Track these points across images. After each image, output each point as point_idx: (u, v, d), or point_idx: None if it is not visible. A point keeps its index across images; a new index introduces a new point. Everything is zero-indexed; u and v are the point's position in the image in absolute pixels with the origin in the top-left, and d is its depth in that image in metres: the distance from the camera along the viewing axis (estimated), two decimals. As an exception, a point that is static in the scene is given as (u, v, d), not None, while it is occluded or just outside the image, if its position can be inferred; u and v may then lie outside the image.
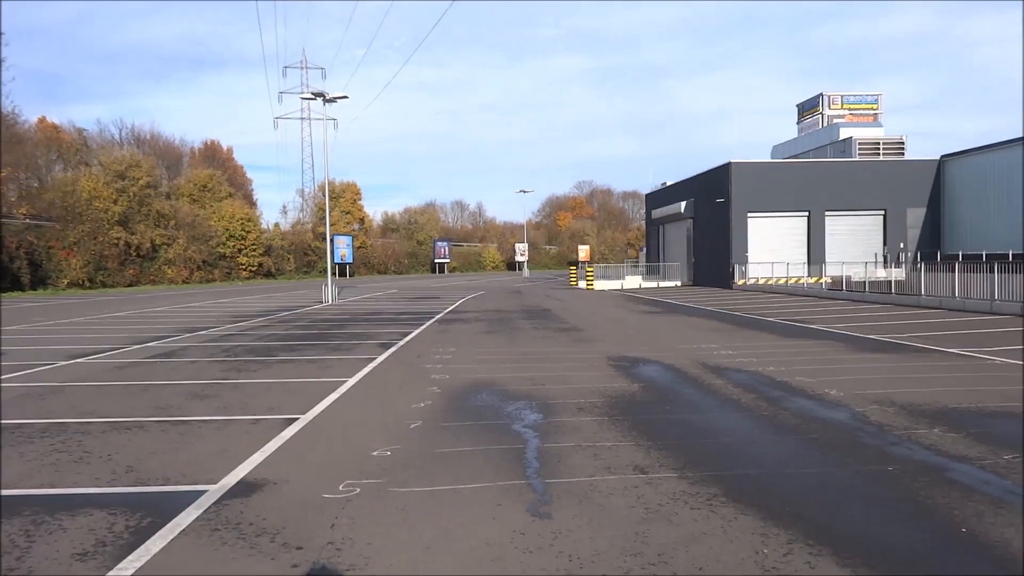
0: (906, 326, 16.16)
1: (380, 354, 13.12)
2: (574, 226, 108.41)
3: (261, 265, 68.61)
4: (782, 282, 33.43)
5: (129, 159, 59.16)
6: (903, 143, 41.43)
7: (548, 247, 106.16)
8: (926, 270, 22.33)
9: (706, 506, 4.79)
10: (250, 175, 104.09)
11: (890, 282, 25.44)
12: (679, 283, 42.78)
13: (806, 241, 37.27)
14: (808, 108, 52.27)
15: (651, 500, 4.92)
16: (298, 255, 74.86)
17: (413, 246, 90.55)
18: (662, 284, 42.70)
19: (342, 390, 9.47)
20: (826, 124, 48.38)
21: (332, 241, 37.36)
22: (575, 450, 6.24)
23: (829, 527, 4.37)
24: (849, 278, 27.90)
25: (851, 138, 41.93)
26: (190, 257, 60.83)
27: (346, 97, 30.60)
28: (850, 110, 50.05)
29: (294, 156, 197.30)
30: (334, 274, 33.54)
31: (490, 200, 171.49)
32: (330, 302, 30.11)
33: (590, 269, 42.59)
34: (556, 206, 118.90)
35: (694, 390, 9.08)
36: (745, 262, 36.17)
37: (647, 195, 56.52)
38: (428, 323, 19.59)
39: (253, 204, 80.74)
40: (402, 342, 15.07)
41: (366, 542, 4.28)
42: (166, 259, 59.32)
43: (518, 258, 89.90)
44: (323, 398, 8.88)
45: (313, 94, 30.45)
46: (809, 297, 28.05)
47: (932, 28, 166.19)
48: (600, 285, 41.49)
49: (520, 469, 5.73)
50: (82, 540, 4.38)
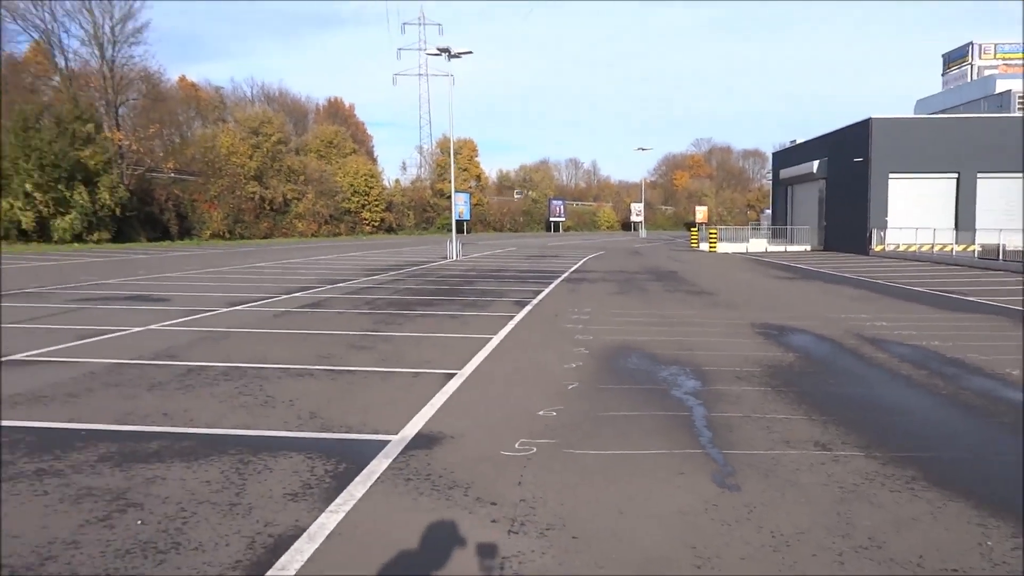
0: (1082, 301, 14.75)
1: (517, 312, 13.25)
2: (691, 186, 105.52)
3: (383, 220, 70.82)
4: (926, 249, 31.27)
5: (262, 115, 61.97)
6: (1073, 98, 37.46)
7: (664, 207, 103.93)
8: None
9: (907, 489, 4.54)
10: (371, 131, 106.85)
11: (1056, 252, 23.28)
12: (808, 247, 40.87)
13: (954, 205, 34.57)
14: (956, 58, 48.14)
15: (843, 479, 4.72)
16: (417, 211, 76.76)
17: (528, 204, 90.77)
18: (790, 248, 40.92)
19: (490, 347, 9.62)
20: (977, 76, 44.43)
21: (452, 198, 37.91)
22: (745, 421, 6.08)
23: (1056, 521, 4.04)
24: (1004, 247, 25.75)
25: (1009, 91, 38.29)
26: (318, 211, 63.47)
27: (470, 52, 30.66)
28: (1004, 60, 45.73)
29: (412, 113, 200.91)
30: (451, 231, 34.08)
31: (605, 158, 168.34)
32: (454, 258, 30.69)
33: (713, 231, 41.34)
34: (673, 165, 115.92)
35: (856, 362, 8.64)
36: (885, 227, 34.02)
37: (774, 154, 53.97)
38: (556, 282, 19.62)
39: (375, 160, 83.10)
40: (535, 300, 15.16)
41: (558, 502, 4.33)
42: (296, 213, 62.16)
43: (634, 218, 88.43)
44: (474, 354, 9.06)
45: (439, 49, 30.65)
46: (958, 266, 26.12)
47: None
48: (723, 248, 40.24)
49: (692, 437, 5.63)
50: (289, 481, 4.66)
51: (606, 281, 20.05)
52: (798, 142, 46.65)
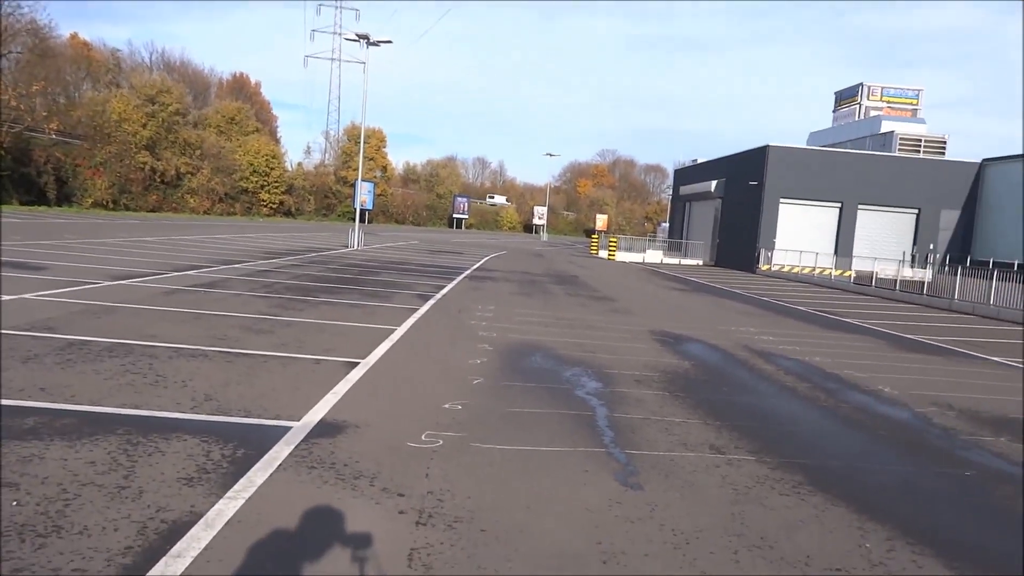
0: (943, 329, 16.06)
1: (421, 305, 13.13)
2: (594, 194, 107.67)
3: (282, 203, 68.61)
4: (807, 271, 33.19)
5: (160, 84, 58.75)
6: (945, 142, 40.76)
7: (566, 212, 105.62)
8: (961, 274, 22.12)
9: (794, 493, 4.79)
10: (276, 112, 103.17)
11: (922, 282, 25.22)
12: (701, 262, 42.56)
13: (835, 233, 36.89)
14: (846, 97, 51.31)
15: (737, 481, 4.93)
16: (318, 197, 74.76)
17: (432, 199, 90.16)
18: (684, 261, 42.49)
19: (394, 338, 9.49)
20: (864, 115, 47.55)
21: (356, 187, 37.18)
22: (645, 423, 6.25)
23: (925, 529, 4.37)
24: (876, 274, 27.69)
25: (893, 132, 41.25)
26: (213, 188, 60.78)
27: (390, 42, 30.20)
28: (889, 103, 49.15)
29: (320, 96, 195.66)
30: (355, 219, 33.45)
31: (512, 160, 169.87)
32: (356, 247, 30.11)
33: (613, 239, 42.42)
34: (577, 172, 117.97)
35: (747, 373, 9.06)
36: (772, 248, 35.89)
37: (676, 170, 55.97)
38: (459, 278, 19.58)
39: (278, 141, 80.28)
40: (439, 295, 15.07)
41: (465, 495, 4.31)
42: (189, 188, 59.28)
43: (536, 221, 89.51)
44: (378, 344, 8.91)
45: (357, 35, 30.01)
46: (835, 290, 27.88)
47: (977, 25, 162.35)
48: (621, 256, 41.36)
49: (596, 436, 5.74)
50: (183, 465, 4.43)
51: (509, 281, 20.19)
52: (699, 161, 48.55)
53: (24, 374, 6.22)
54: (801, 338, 12.75)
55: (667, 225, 56.98)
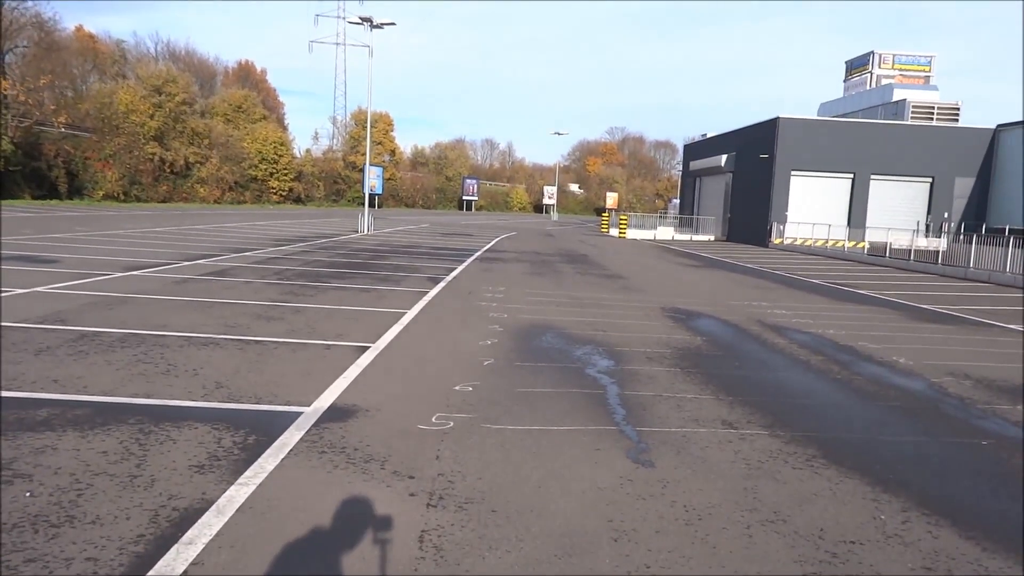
0: (958, 298, 15.89)
1: (431, 288, 13.12)
2: (603, 172, 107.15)
3: (291, 190, 68.70)
4: (820, 244, 32.93)
5: (166, 74, 58.71)
6: (958, 109, 40.16)
7: (576, 192, 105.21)
8: (976, 242, 21.85)
9: (807, 466, 4.76)
10: (282, 99, 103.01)
11: (937, 252, 24.94)
12: (712, 237, 42.31)
13: (848, 204, 36.52)
14: (857, 66, 50.63)
15: (750, 456, 4.90)
16: (328, 182, 74.80)
17: (442, 182, 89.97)
18: (695, 237, 42.24)
19: (404, 321, 9.49)
20: (875, 84, 46.93)
21: (365, 172, 37.14)
22: (657, 400, 6.22)
23: (941, 499, 4.33)
24: (891, 245, 27.43)
25: (905, 100, 40.68)
26: (222, 177, 60.89)
27: (393, 24, 29.99)
28: (901, 71, 48.42)
29: (326, 82, 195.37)
30: (364, 204, 33.45)
31: (520, 140, 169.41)
32: (366, 232, 30.12)
33: (624, 217, 42.20)
34: (586, 151, 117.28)
35: (759, 347, 9.00)
36: (784, 221, 35.60)
37: (685, 146, 55.50)
38: (469, 260, 19.55)
39: (285, 128, 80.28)
40: (449, 277, 15.06)
41: (476, 476, 4.31)
42: (199, 178, 59.41)
43: (546, 201, 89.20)
44: (388, 328, 8.91)
45: (360, 18, 29.82)
46: (850, 261, 27.64)
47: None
48: (632, 234, 41.16)
49: (607, 414, 5.72)
50: (195, 452, 4.44)
51: (519, 262, 20.14)
52: (709, 136, 48.12)
53: (37, 366, 6.26)
54: (814, 311, 12.65)
55: (678, 201, 56.63)
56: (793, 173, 36.06)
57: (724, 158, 42.16)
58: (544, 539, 3.55)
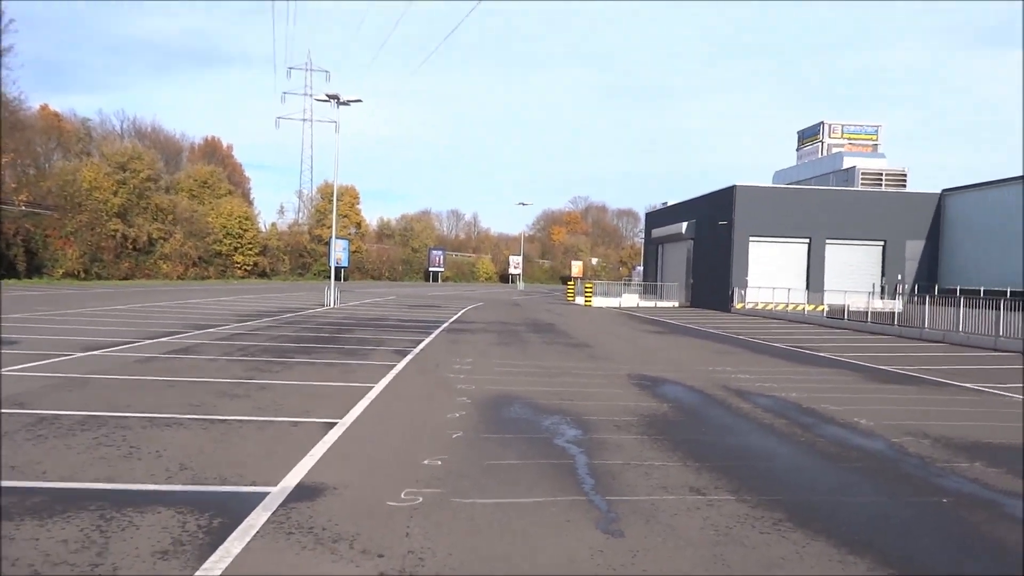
0: (915, 359, 16.30)
1: (398, 361, 13.10)
2: (568, 241, 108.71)
3: (256, 264, 68.41)
4: (781, 308, 33.61)
5: (131, 151, 58.90)
6: (905, 175, 41.88)
7: (542, 261, 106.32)
8: (929, 303, 22.53)
9: (774, 530, 4.82)
10: (248, 174, 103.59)
11: (893, 313, 25.62)
12: (676, 304, 42.92)
13: (806, 268, 37.50)
14: (808, 135, 52.74)
15: (718, 522, 4.95)
16: (293, 256, 74.72)
17: (408, 253, 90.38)
18: (660, 304, 42.82)
19: (372, 396, 9.45)
20: (826, 152, 48.82)
21: (331, 245, 37.28)
22: (625, 468, 6.26)
23: (905, 558, 4.41)
24: (848, 307, 28.12)
25: (855, 167, 42.33)
26: (186, 253, 60.51)
27: (360, 101, 30.65)
28: (850, 139, 50.53)
29: (293, 157, 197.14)
30: (330, 278, 33.46)
31: (485, 211, 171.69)
32: (332, 305, 30.02)
33: (589, 285, 42.68)
34: (551, 220, 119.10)
35: (724, 412, 9.12)
36: (745, 286, 36.35)
37: (647, 214, 56.77)
38: (436, 332, 19.57)
39: (251, 203, 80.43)
40: (416, 350, 15.05)
41: (446, 552, 4.28)
42: (162, 254, 58.96)
43: (512, 270, 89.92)
44: (355, 403, 8.87)
45: (327, 96, 30.44)
46: (810, 324, 28.23)
47: (931, 62, 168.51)
48: (598, 302, 41.58)
49: (576, 485, 5.74)
50: (159, 538, 4.36)
51: (486, 332, 20.21)
52: (669, 204, 49.33)
53: (-7, 453, 6.10)
54: (777, 375, 12.87)
55: (642, 268, 57.53)
56: (751, 239, 37.04)
57: (685, 225, 43.18)
58: (515, 615, 3.53)
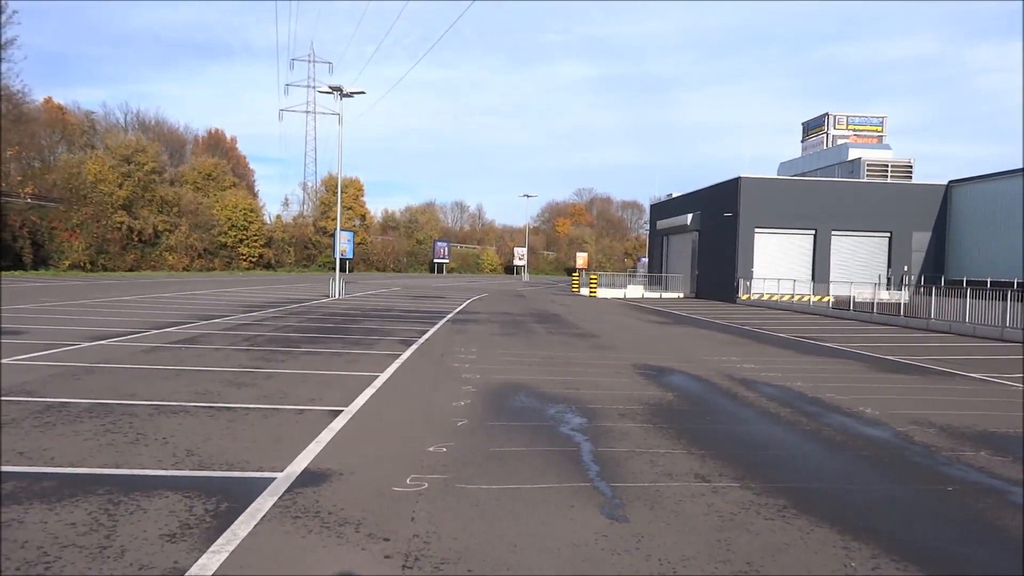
0: (921, 348, 16.26)
1: (403, 351, 13.12)
2: (573, 233, 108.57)
3: (261, 256, 68.57)
4: (786, 299, 33.55)
5: (135, 144, 58.99)
6: (911, 166, 41.67)
7: (546, 252, 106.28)
8: (936, 294, 22.46)
9: (779, 517, 4.82)
10: (252, 166, 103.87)
11: (899, 304, 25.55)
12: (681, 295, 42.88)
13: (811, 259, 37.42)
14: (813, 127, 52.50)
15: (722, 508, 4.96)
16: (298, 248, 74.86)
17: (413, 245, 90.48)
18: (664, 295, 42.79)
19: (377, 384, 9.48)
20: (831, 144, 48.62)
21: (336, 237, 37.31)
22: (630, 455, 6.28)
23: (909, 544, 4.41)
24: (854, 298, 28.06)
25: (860, 159, 42.13)
26: (191, 245, 60.68)
27: (363, 92, 30.60)
28: (855, 131, 50.30)
29: (296, 149, 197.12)
30: (335, 269, 33.51)
31: (490, 203, 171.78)
32: (337, 296, 30.07)
33: (594, 276, 42.67)
34: (555, 212, 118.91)
35: (729, 401, 9.12)
36: (750, 277, 36.29)
37: (652, 205, 56.64)
38: (441, 322, 19.59)
39: (255, 195, 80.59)
40: (421, 340, 15.08)
41: (451, 536, 4.30)
42: (167, 246, 59.14)
43: (516, 262, 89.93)
44: (361, 391, 8.89)
45: (331, 87, 30.41)
46: (815, 315, 28.17)
47: (935, 53, 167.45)
48: (603, 293, 41.57)
49: (581, 471, 5.76)
50: (166, 522, 4.39)
51: (491, 322, 20.23)
52: (674, 196, 49.23)
53: (3, 439, 6.14)
54: (783, 364, 12.86)
55: (646, 260, 57.48)
56: (756, 230, 36.95)
57: (690, 217, 43.09)
58: (521, 597, 3.55)
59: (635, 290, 43.11)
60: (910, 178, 41.06)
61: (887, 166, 41.67)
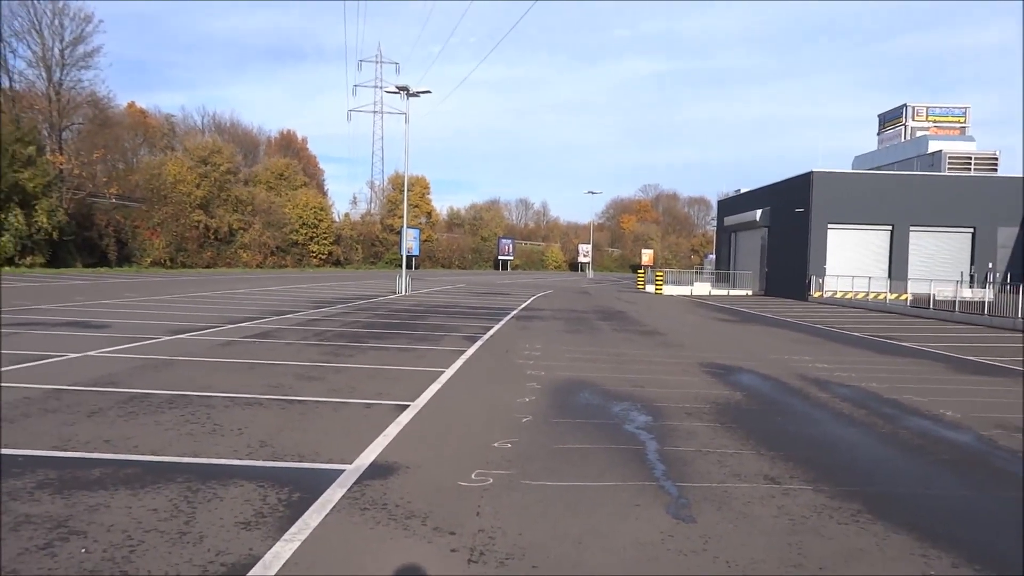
0: (1006, 349, 15.49)
1: (468, 347, 13.23)
2: (638, 229, 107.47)
3: (331, 254, 70.17)
4: (861, 297, 32.42)
5: (211, 145, 61.15)
6: (996, 158, 39.72)
7: (611, 249, 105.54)
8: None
9: (853, 522, 4.67)
10: (322, 166, 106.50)
11: (983, 303, 24.37)
12: (750, 292, 41.94)
13: (888, 256, 36.05)
14: (890, 119, 50.54)
15: (793, 511, 4.83)
16: (366, 245, 76.33)
17: (477, 242, 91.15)
18: (732, 292, 41.92)
19: (443, 380, 9.59)
20: (909, 136, 46.74)
21: (402, 234, 37.89)
22: (697, 455, 6.18)
23: (993, 554, 4.21)
24: (934, 296, 26.92)
25: (941, 151, 40.39)
26: (264, 242, 62.57)
27: (429, 92, 30.98)
28: (935, 122, 48.20)
29: (364, 148, 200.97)
30: (401, 266, 34.03)
31: (554, 200, 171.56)
32: (403, 293, 30.54)
33: (660, 273, 42.14)
34: (620, 209, 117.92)
35: (800, 402, 8.88)
36: (823, 274, 35.21)
37: (719, 201, 55.56)
38: (506, 319, 19.68)
39: (325, 194, 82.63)
40: (486, 336, 15.17)
41: (516, 532, 4.32)
42: (242, 243, 61.13)
43: (581, 259, 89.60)
44: (427, 386, 9.01)
45: (397, 88, 30.88)
46: (892, 314, 27.15)
47: (1016, 40, 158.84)
48: (668, 290, 41.01)
49: (646, 470, 5.70)
50: (241, 509, 4.54)
51: (556, 319, 20.21)
52: (743, 191, 48.15)
53: (89, 427, 6.47)
54: (857, 364, 12.44)
55: (713, 256, 56.41)
56: (829, 226, 35.81)
57: (759, 213, 42.08)
58: (585, 594, 3.54)
59: (702, 287, 42.38)
60: (995, 171, 39.14)
61: (970, 159, 39.83)
